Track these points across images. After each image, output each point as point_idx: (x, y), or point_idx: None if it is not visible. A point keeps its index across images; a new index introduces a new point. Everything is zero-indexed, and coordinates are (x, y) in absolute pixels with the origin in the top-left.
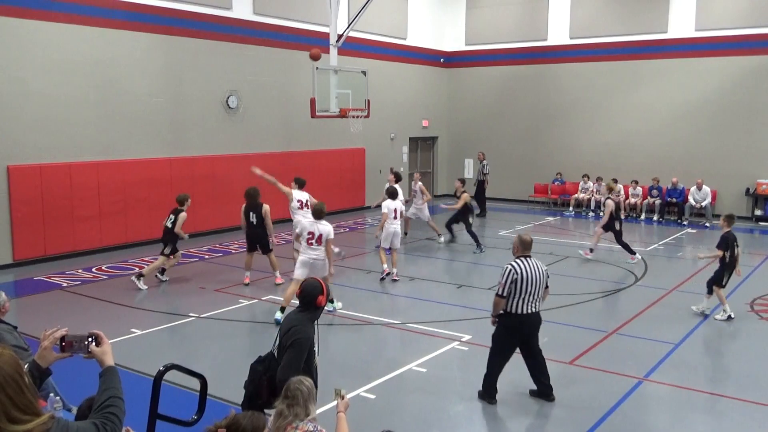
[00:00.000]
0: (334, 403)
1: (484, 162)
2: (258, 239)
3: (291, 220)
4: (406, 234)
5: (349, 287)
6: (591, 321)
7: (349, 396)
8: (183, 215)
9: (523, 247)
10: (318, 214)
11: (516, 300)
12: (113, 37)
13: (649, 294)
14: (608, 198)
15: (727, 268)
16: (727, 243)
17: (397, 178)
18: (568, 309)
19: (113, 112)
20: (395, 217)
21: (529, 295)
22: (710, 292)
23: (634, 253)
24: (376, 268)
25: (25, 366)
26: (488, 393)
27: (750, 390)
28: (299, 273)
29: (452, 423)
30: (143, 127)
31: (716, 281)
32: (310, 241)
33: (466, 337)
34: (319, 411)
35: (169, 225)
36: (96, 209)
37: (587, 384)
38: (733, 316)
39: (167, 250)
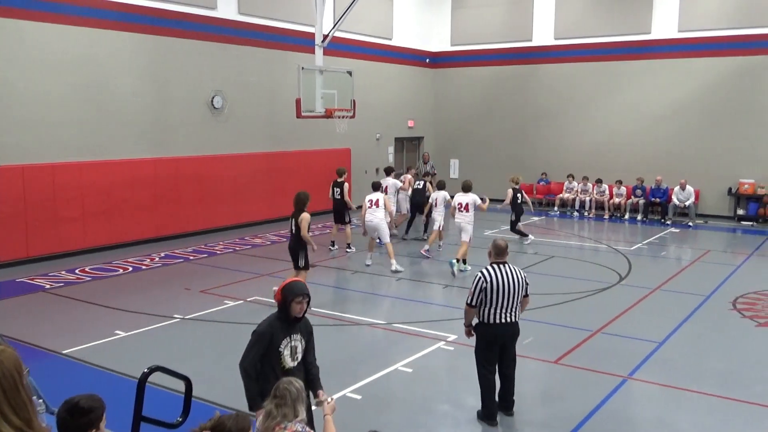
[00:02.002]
0: (321, 402)
1: (430, 162)
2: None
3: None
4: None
5: (334, 287)
6: (575, 320)
7: (335, 396)
8: (347, 185)
9: (496, 253)
10: (466, 189)
11: (488, 309)
12: (97, 36)
13: (633, 293)
14: (513, 187)
15: None
16: None
17: (387, 171)
18: (553, 308)
19: (97, 112)
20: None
21: (502, 305)
22: None
23: (527, 236)
24: (361, 268)
25: (26, 370)
26: (488, 413)
27: (733, 388)
28: (462, 236)
29: (438, 423)
30: (128, 127)
31: None
32: (459, 209)
33: (452, 337)
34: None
35: (338, 197)
36: (80, 210)
37: (572, 383)
38: None
39: (347, 218)
